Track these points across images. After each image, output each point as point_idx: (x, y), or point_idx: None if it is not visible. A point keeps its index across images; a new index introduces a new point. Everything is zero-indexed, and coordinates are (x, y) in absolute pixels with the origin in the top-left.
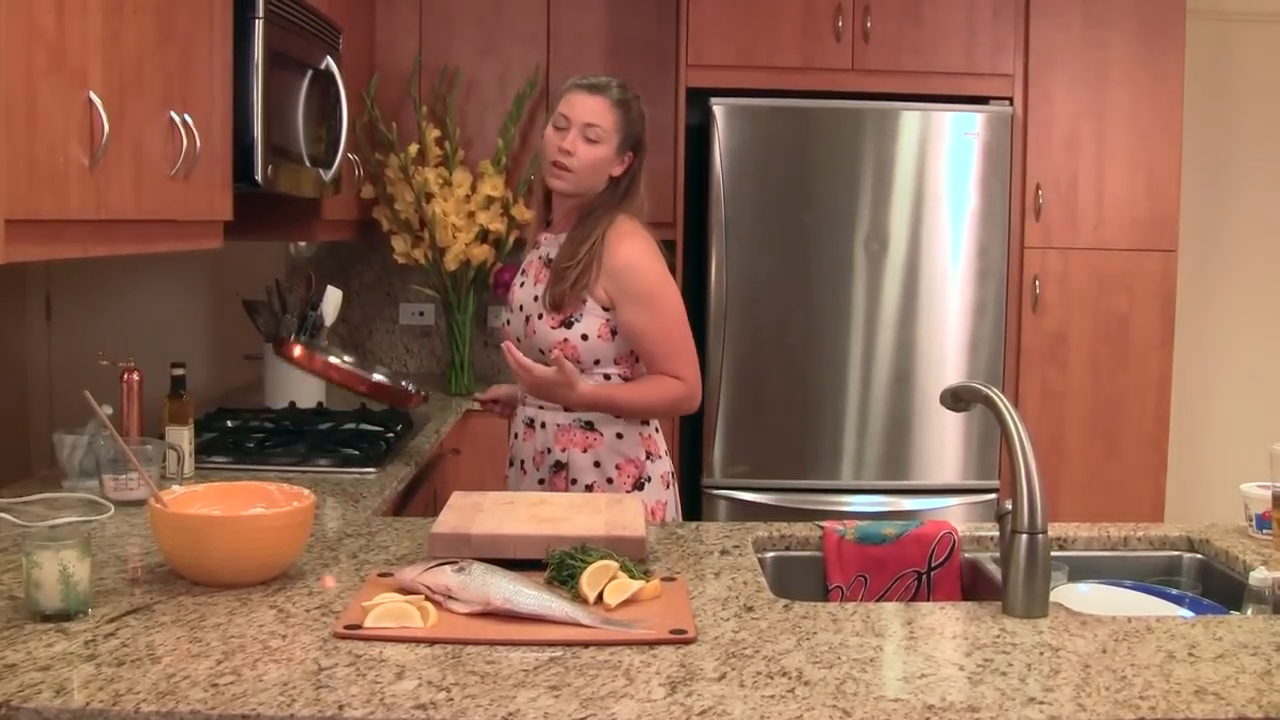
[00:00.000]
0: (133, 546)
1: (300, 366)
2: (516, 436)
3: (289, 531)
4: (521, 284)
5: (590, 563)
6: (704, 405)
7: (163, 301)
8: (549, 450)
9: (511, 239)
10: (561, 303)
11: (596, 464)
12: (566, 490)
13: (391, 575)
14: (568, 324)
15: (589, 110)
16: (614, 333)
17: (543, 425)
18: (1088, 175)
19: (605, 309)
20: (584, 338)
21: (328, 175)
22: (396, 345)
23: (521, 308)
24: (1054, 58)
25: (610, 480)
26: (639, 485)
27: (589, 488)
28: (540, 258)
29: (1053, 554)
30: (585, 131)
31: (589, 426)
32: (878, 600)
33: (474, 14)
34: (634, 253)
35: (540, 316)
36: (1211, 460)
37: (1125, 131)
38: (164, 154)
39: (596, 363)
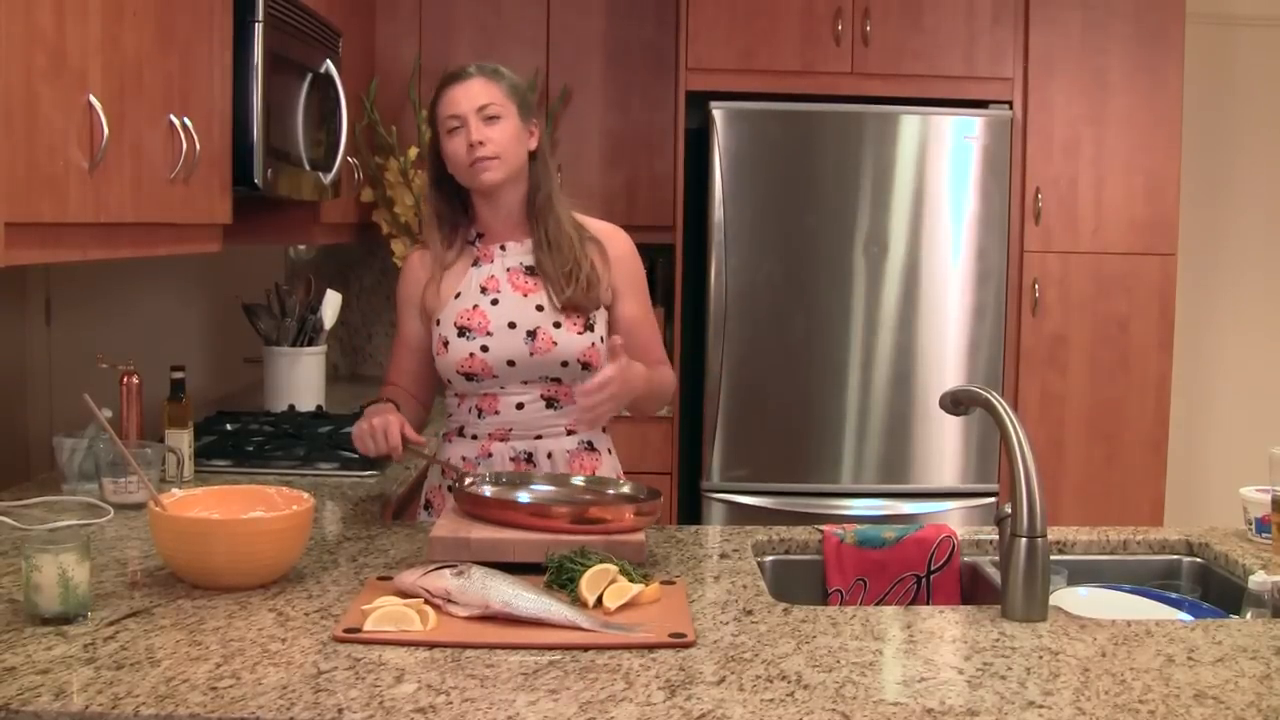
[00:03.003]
0: (132, 550)
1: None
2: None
3: (288, 535)
4: (495, 301)
5: (589, 566)
6: (703, 408)
7: (162, 305)
8: None
9: None
10: (590, 304)
11: None
12: None
13: (391, 579)
14: (589, 327)
15: (473, 95)
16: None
17: (549, 456)
18: (1087, 179)
19: (606, 306)
20: (601, 339)
21: (327, 178)
22: None
23: (513, 325)
24: (1053, 62)
25: None
26: None
27: None
28: (517, 268)
29: (1052, 557)
30: (482, 115)
31: (590, 447)
32: (877, 604)
33: (474, 18)
34: (628, 239)
35: (558, 325)
36: (1211, 464)
37: (1125, 135)
38: (164, 157)
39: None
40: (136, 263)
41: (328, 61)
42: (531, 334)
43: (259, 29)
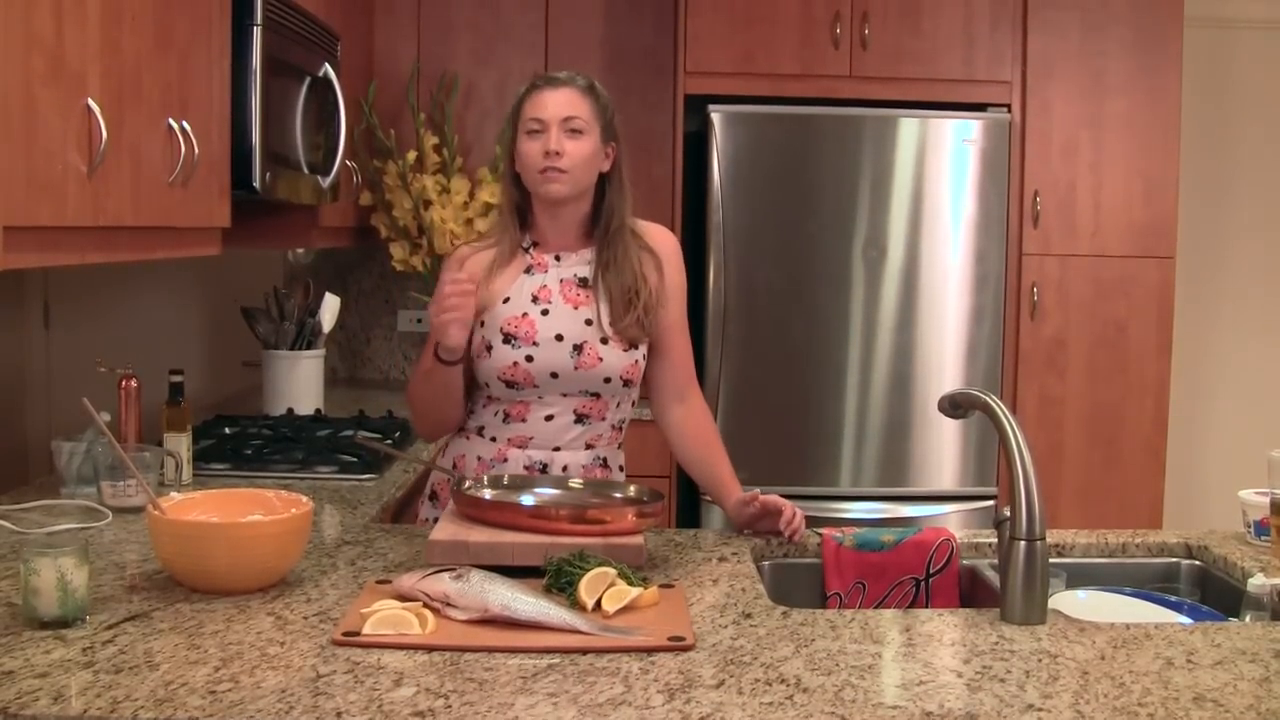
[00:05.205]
0: (131, 553)
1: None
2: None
3: (287, 538)
4: (546, 311)
5: (588, 569)
6: None
7: (161, 308)
8: None
9: None
10: (642, 336)
11: None
12: None
13: (389, 582)
14: (635, 345)
15: (562, 104)
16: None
17: (564, 469)
18: (1086, 182)
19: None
20: (644, 356)
21: (326, 182)
22: (395, 352)
23: (560, 337)
24: (1052, 65)
25: None
26: None
27: None
28: (571, 279)
29: (1051, 561)
30: (566, 126)
31: (604, 464)
32: (876, 607)
33: (472, 22)
34: (675, 245)
35: (605, 342)
36: (1210, 467)
37: (1123, 139)
38: (162, 161)
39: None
40: (135, 266)
41: (326, 65)
42: (578, 348)
43: (257, 33)
